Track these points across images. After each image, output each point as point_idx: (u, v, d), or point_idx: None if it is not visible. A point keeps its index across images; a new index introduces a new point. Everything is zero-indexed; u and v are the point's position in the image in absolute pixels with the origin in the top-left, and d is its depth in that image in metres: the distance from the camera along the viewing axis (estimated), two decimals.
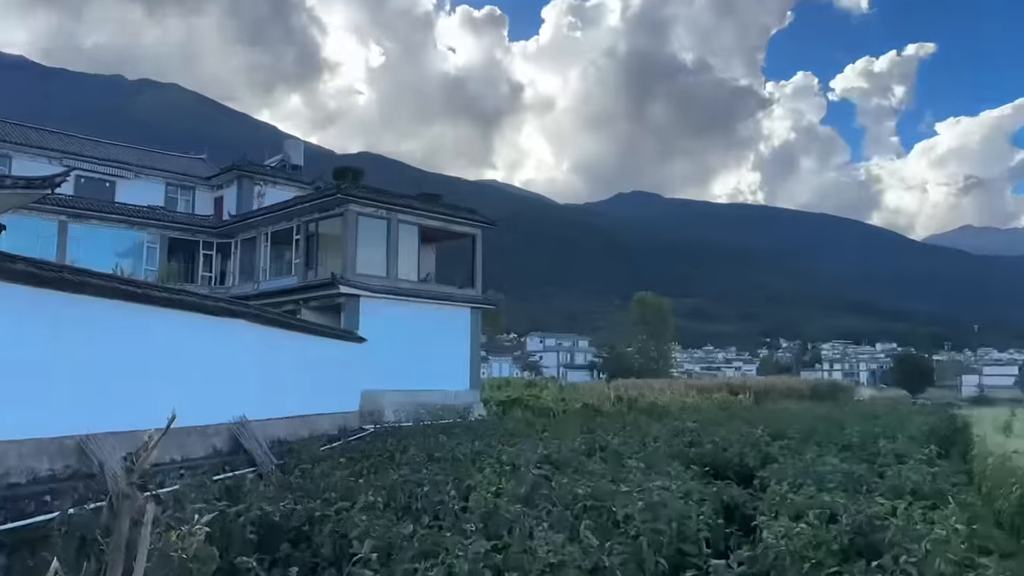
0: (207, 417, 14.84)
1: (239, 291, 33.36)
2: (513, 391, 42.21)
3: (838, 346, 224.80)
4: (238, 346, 16.35)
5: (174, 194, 40.38)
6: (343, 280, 27.92)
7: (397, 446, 17.04)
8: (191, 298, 15.51)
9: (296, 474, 13.21)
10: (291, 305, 29.52)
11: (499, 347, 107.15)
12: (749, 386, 55.76)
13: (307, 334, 21.58)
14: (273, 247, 34.24)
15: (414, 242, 31.53)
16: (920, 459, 14.33)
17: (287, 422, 18.86)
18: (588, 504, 9.25)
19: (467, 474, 11.98)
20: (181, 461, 13.88)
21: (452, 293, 32.37)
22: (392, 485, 10.67)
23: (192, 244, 37.25)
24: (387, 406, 27.12)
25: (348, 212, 29.22)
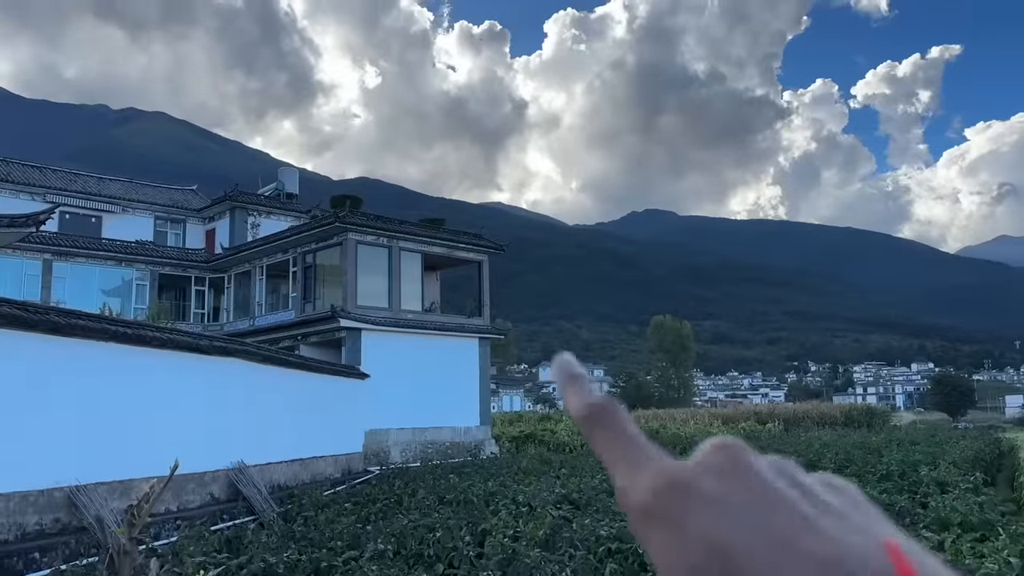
0: (203, 463, 14.82)
1: (234, 328, 33.41)
2: (526, 426, 42.02)
3: (871, 368, 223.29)
4: (234, 387, 16.37)
5: (164, 228, 40.62)
6: (343, 313, 27.99)
7: (405, 489, 16.97)
8: (184, 338, 15.57)
9: (299, 522, 13.16)
10: (289, 341, 29.55)
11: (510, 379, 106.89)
12: (778, 414, 55.35)
13: (306, 371, 21.59)
14: (269, 280, 34.37)
15: (417, 270, 31.62)
16: (965, 487, 14.16)
17: (287, 466, 18.81)
18: (612, 547, 9.17)
19: (481, 517, 11.91)
20: (177, 511, 13.84)
21: (459, 323, 32.38)
22: (402, 531, 10.61)
23: (183, 280, 37.44)
24: (393, 446, 27.02)
25: (347, 241, 29.37)
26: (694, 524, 0.46)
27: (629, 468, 0.50)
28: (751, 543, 0.44)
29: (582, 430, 0.54)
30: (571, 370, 0.58)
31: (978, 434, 43.50)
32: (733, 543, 0.44)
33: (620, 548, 9.10)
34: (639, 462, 0.50)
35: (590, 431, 0.53)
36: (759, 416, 53.99)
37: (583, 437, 0.54)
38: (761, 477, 0.48)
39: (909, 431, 46.16)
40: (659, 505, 0.47)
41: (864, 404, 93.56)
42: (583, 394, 0.55)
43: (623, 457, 0.51)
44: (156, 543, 11.15)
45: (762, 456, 0.50)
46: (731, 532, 0.45)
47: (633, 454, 0.51)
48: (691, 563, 0.45)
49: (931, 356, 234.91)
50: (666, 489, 0.48)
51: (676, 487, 0.48)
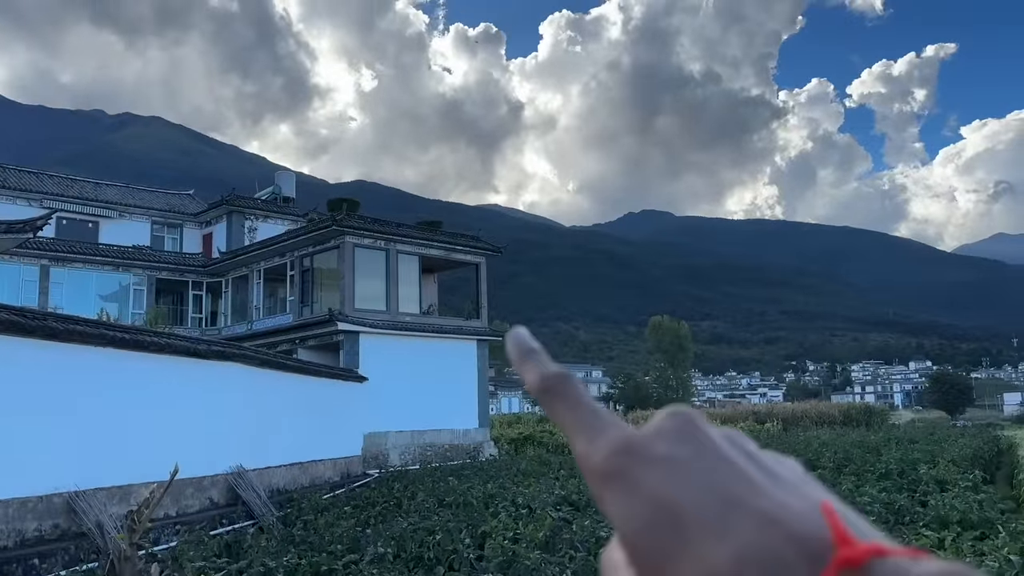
0: (202, 468, 14.80)
1: (231, 332, 33.37)
2: (525, 427, 42.02)
3: (869, 367, 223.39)
4: (232, 391, 16.35)
5: (160, 232, 40.58)
6: (341, 316, 27.98)
7: (404, 492, 16.96)
8: (181, 342, 15.56)
9: (299, 526, 13.15)
10: (287, 345, 29.53)
11: (508, 381, 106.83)
12: (776, 413, 55.42)
13: (305, 375, 21.58)
14: (266, 284, 34.34)
15: (415, 273, 31.61)
16: (965, 486, 14.18)
17: (286, 470, 18.79)
18: None
19: (481, 519, 11.91)
20: (176, 516, 13.83)
21: (457, 326, 32.37)
22: (402, 534, 10.60)
23: (181, 284, 37.39)
24: (392, 448, 27.01)
25: (344, 244, 29.36)
26: (645, 483, 0.48)
27: (587, 434, 0.52)
28: (698, 500, 0.47)
29: (540, 402, 0.56)
30: (526, 344, 0.59)
31: (977, 432, 43.55)
32: (681, 500, 0.47)
33: None
34: (596, 428, 0.52)
35: (548, 402, 0.55)
36: (757, 416, 54.04)
37: (542, 409, 0.56)
38: (711, 441, 0.51)
39: (908, 430, 46.22)
40: (614, 466, 0.50)
41: (862, 403, 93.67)
42: (539, 367, 0.57)
43: (581, 424, 0.53)
44: (156, 548, 11.13)
45: (714, 426, 0.53)
46: (679, 490, 0.47)
47: (590, 421, 0.53)
48: (643, 519, 0.47)
49: (929, 354, 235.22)
50: (620, 451, 0.50)
51: (629, 449, 0.50)
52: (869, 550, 0.43)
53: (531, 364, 0.57)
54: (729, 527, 0.45)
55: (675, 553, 0.45)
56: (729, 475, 0.49)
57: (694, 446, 0.51)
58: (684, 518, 0.46)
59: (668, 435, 0.51)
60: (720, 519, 0.46)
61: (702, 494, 0.47)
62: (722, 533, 0.45)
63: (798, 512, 0.47)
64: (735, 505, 0.47)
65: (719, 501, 0.47)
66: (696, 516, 0.46)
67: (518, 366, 0.59)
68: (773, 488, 0.48)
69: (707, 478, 0.49)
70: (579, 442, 0.52)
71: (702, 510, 0.46)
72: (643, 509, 0.47)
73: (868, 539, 0.44)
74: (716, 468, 0.49)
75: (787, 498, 0.48)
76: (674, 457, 0.50)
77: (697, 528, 0.46)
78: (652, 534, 0.47)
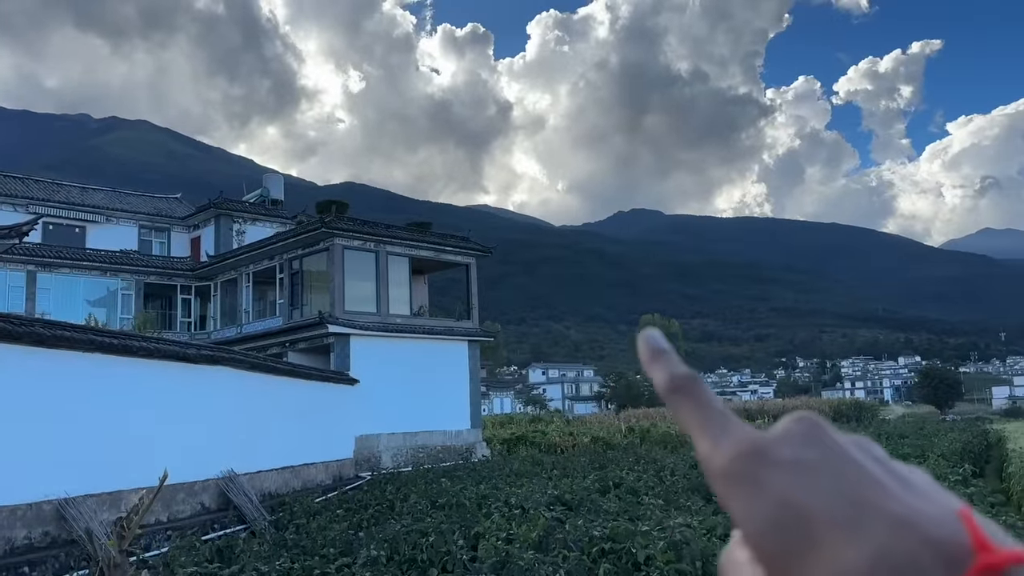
0: (193, 473, 14.73)
1: (221, 336, 33.22)
2: (517, 428, 42.00)
3: (859, 362, 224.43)
4: (222, 395, 16.28)
5: (148, 237, 40.39)
6: (331, 319, 27.91)
7: (397, 494, 16.93)
8: (171, 347, 15.48)
9: (291, 530, 13.10)
10: (277, 348, 29.42)
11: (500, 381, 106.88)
12: (767, 410, 55.63)
13: (295, 378, 21.51)
14: (255, 287, 34.21)
15: (405, 274, 31.56)
16: (955, 480, 14.26)
17: (277, 474, 18.72)
18: (606, 547, 9.18)
19: (474, 520, 11.89)
20: (167, 521, 13.76)
21: (448, 327, 32.34)
22: (395, 537, 10.58)
23: (169, 288, 37.22)
24: (384, 451, 26.95)
25: (334, 247, 29.28)
26: (772, 485, 0.48)
27: (712, 436, 0.52)
28: (827, 502, 0.46)
29: (667, 402, 0.56)
30: (656, 345, 0.60)
31: (966, 426, 43.86)
32: (809, 502, 0.47)
33: (613, 548, 9.11)
34: (722, 430, 0.52)
35: (676, 403, 0.55)
36: (748, 413, 54.22)
37: (668, 409, 0.57)
38: (838, 445, 0.51)
39: (898, 425, 46.44)
40: (739, 468, 0.50)
41: (852, 399, 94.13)
42: (668, 367, 0.57)
43: (707, 425, 0.53)
44: (147, 554, 11.07)
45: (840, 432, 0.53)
46: (807, 493, 0.47)
47: (717, 423, 0.53)
48: (769, 521, 0.47)
49: (918, 349, 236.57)
50: (746, 453, 0.50)
51: (756, 452, 0.50)
52: (1010, 556, 0.41)
53: (660, 364, 0.58)
54: (861, 529, 0.45)
55: (804, 553, 0.45)
56: (859, 478, 0.48)
57: (821, 450, 0.50)
58: (813, 519, 0.46)
59: (794, 439, 0.51)
60: (851, 521, 0.45)
61: (831, 496, 0.47)
62: (854, 534, 0.45)
63: (933, 516, 0.45)
64: (867, 507, 0.46)
65: (849, 503, 0.46)
66: (826, 517, 0.46)
67: (647, 366, 0.59)
68: (905, 493, 0.48)
69: (836, 481, 0.48)
70: (703, 443, 0.53)
71: (832, 512, 0.46)
72: (770, 511, 0.47)
73: (1006, 546, 0.43)
74: (845, 471, 0.49)
75: (920, 503, 0.47)
76: (801, 460, 0.49)
77: (827, 529, 0.45)
78: (779, 535, 0.46)
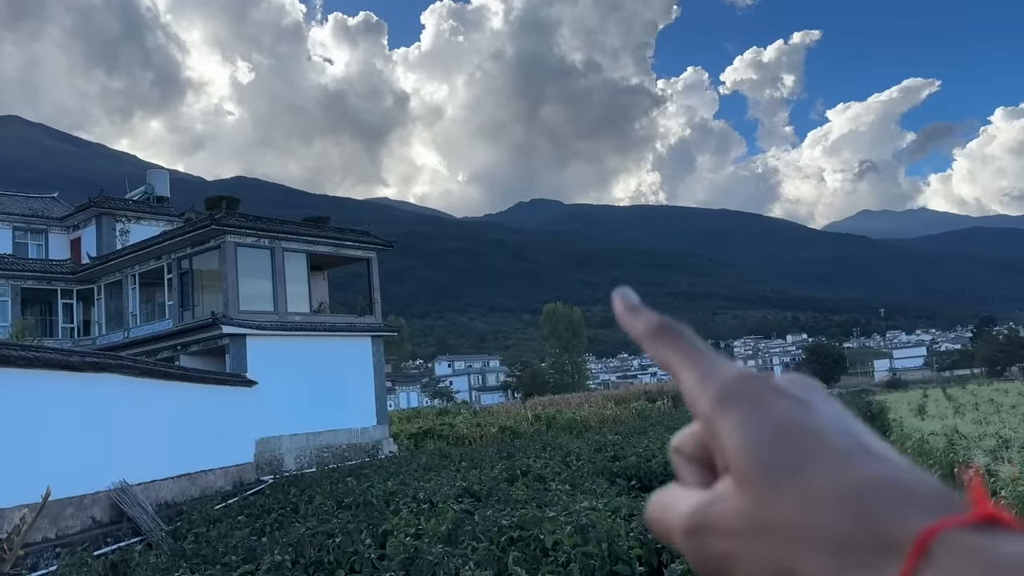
0: (82, 486, 14.02)
1: (107, 341, 31.72)
2: (424, 422, 41.82)
3: (750, 342, 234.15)
4: (111, 403, 15.54)
5: (23, 239, 38.13)
6: (225, 319, 27.01)
7: (301, 496, 16.58)
8: (52, 355, 14.66)
9: (189, 539, 12.63)
10: (168, 352, 28.27)
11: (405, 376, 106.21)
12: (666, 391, 57.22)
13: (188, 382, 20.77)
14: (142, 289, 32.78)
15: (303, 271, 30.85)
16: None
17: (174, 482, 18.05)
18: (515, 535, 9.25)
19: (382, 518, 11.77)
20: (56, 538, 13.05)
21: (349, 323, 31.83)
22: (299, 540, 10.35)
23: (49, 293, 35.22)
24: (286, 453, 26.33)
25: (225, 244, 28.31)
26: (776, 406, 0.48)
27: (701, 368, 0.52)
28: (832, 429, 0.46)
29: (649, 349, 0.57)
30: (631, 299, 0.60)
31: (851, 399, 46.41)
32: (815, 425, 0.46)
33: (522, 536, 9.19)
34: (712, 363, 0.52)
35: (658, 344, 0.56)
36: (649, 395, 55.67)
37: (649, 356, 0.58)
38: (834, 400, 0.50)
39: None
40: (742, 388, 0.49)
41: None
42: (645, 315, 0.58)
43: (694, 359, 0.53)
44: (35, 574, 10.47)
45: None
46: (811, 419, 0.47)
47: (704, 357, 0.53)
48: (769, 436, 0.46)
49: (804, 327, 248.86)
50: (751, 377, 0.50)
51: (760, 378, 0.50)
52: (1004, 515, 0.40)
53: (637, 315, 0.58)
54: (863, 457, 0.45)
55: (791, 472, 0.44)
56: (857, 425, 0.48)
57: (821, 396, 0.50)
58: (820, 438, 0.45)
59: (793, 381, 0.51)
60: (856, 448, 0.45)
61: (834, 426, 0.47)
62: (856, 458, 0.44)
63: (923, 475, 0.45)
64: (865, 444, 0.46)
65: (850, 436, 0.46)
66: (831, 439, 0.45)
67: (624, 319, 0.59)
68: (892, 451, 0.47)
69: (837, 418, 0.48)
70: (691, 375, 0.52)
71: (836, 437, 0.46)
72: (772, 427, 0.46)
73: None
74: (844, 415, 0.49)
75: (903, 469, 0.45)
76: (802, 395, 0.49)
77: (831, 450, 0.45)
78: (774, 450, 0.45)
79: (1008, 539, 0.39)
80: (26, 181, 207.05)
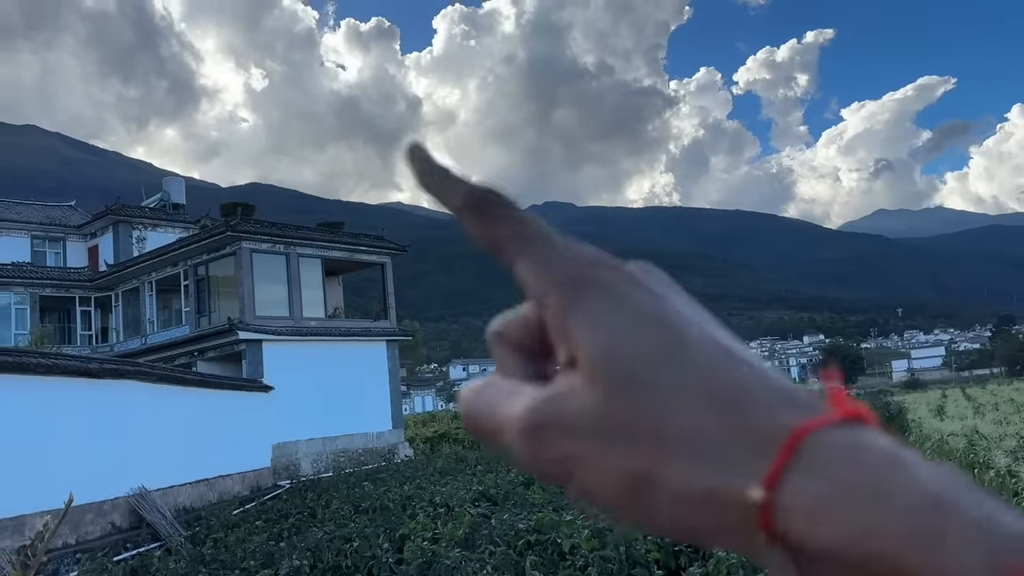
0: (101, 492, 14.14)
1: (124, 348, 31.98)
2: (440, 425, 41.89)
3: (766, 343, 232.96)
4: (129, 410, 15.66)
5: (42, 247, 38.53)
6: (241, 325, 27.15)
7: (318, 501, 16.65)
8: (71, 362, 14.80)
9: (208, 544, 12.71)
10: (185, 358, 28.46)
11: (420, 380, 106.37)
12: None
13: (205, 388, 20.90)
14: (159, 296, 33.02)
15: (318, 276, 30.99)
16: None
17: (192, 488, 18.15)
18: (532, 539, 9.24)
19: (399, 522, 11.80)
20: (76, 544, 13.17)
21: (364, 327, 31.92)
22: (317, 544, 10.39)
23: (67, 301, 35.56)
24: (303, 458, 26.43)
25: (241, 250, 28.48)
26: (634, 298, 0.42)
27: (538, 252, 0.44)
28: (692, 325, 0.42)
29: (465, 223, 0.46)
30: (431, 158, 0.47)
31: (869, 400, 46.07)
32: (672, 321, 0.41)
33: (539, 540, 9.19)
34: (551, 245, 0.44)
35: (479, 223, 0.45)
36: None
37: (466, 230, 0.46)
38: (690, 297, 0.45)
39: None
40: (592, 275, 0.43)
41: None
42: (461, 184, 0.45)
43: (527, 239, 0.44)
44: None
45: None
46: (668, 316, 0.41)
47: (540, 237, 0.44)
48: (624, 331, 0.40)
49: (821, 328, 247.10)
50: (597, 264, 0.43)
51: (608, 265, 0.43)
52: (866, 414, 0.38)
53: (451, 182, 0.46)
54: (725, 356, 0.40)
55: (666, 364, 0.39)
56: (714, 323, 0.43)
57: (675, 290, 0.44)
58: (680, 335, 0.40)
59: (646, 271, 0.44)
60: (716, 347, 0.41)
61: (694, 323, 0.42)
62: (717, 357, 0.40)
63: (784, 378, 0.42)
64: (726, 345, 0.41)
65: (710, 335, 0.41)
66: (691, 337, 0.40)
67: (430, 185, 0.46)
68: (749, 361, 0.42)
69: (694, 315, 0.43)
70: (532, 258, 0.44)
71: (696, 334, 0.41)
72: (631, 320, 0.41)
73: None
74: (701, 312, 0.44)
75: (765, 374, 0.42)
76: (657, 288, 0.43)
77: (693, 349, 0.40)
78: (640, 344, 0.40)
79: (871, 435, 0.37)
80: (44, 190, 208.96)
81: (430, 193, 0.47)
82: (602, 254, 0.44)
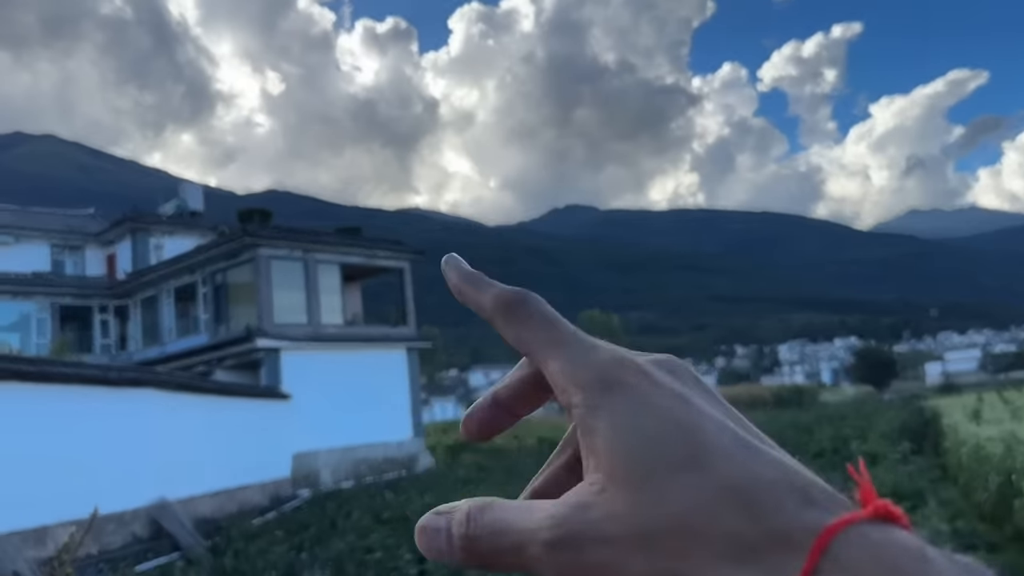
0: (122, 502, 14.31)
1: (143, 356, 32.31)
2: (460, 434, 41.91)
3: (796, 346, 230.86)
4: (149, 418, 15.85)
5: (61, 256, 39.06)
6: (259, 332, 27.37)
7: (339, 511, 16.74)
8: (91, 371, 15.01)
9: (229, 555, 12.82)
10: (203, 366, 28.71)
11: (440, 387, 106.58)
12: None
13: (224, 396, 21.10)
14: (177, 304, 33.35)
15: (336, 282, 31.16)
16: (895, 458, 14.80)
17: (211, 498, 18.31)
18: None
19: None
20: (98, 554, 13.33)
21: (384, 334, 32.05)
22: (339, 556, 10.46)
23: (86, 310, 36.02)
24: (323, 467, 26.57)
25: (258, 257, 28.71)
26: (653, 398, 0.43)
27: (569, 352, 0.46)
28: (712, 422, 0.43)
29: (497, 325, 0.49)
30: (465, 268, 0.52)
31: (903, 404, 45.53)
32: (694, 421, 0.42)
33: None
34: (580, 345, 0.47)
35: (509, 325, 0.49)
36: None
37: (499, 331, 0.50)
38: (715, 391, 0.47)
39: (838, 407, 47.93)
40: (617, 376, 0.44)
41: (792, 384, 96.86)
42: (492, 288, 0.50)
43: (558, 341, 0.47)
44: None
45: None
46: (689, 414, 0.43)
47: (570, 338, 0.47)
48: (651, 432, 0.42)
49: (853, 330, 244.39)
50: (622, 364, 0.45)
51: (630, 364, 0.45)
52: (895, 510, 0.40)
53: (482, 286, 0.50)
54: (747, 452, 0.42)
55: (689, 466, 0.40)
56: (735, 415, 0.45)
57: (696, 384, 0.46)
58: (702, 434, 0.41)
59: (667, 367, 0.46)
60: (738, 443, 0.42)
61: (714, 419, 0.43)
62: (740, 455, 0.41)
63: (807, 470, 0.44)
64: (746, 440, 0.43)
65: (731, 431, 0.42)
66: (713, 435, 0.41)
67: (464, 291, 0.51)
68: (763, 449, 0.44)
69: (715, 411, 0.44)
70: (557, 360, 0.46)
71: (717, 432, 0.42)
72: (654, 422, 0.42)
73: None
74: (722, 406, 0.45)
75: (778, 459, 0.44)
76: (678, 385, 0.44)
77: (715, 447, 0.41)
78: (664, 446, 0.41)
79: (898, 533, 0.38)
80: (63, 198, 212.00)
81: (463, 300, 0.51)
82: (628, 354, 0.46)
